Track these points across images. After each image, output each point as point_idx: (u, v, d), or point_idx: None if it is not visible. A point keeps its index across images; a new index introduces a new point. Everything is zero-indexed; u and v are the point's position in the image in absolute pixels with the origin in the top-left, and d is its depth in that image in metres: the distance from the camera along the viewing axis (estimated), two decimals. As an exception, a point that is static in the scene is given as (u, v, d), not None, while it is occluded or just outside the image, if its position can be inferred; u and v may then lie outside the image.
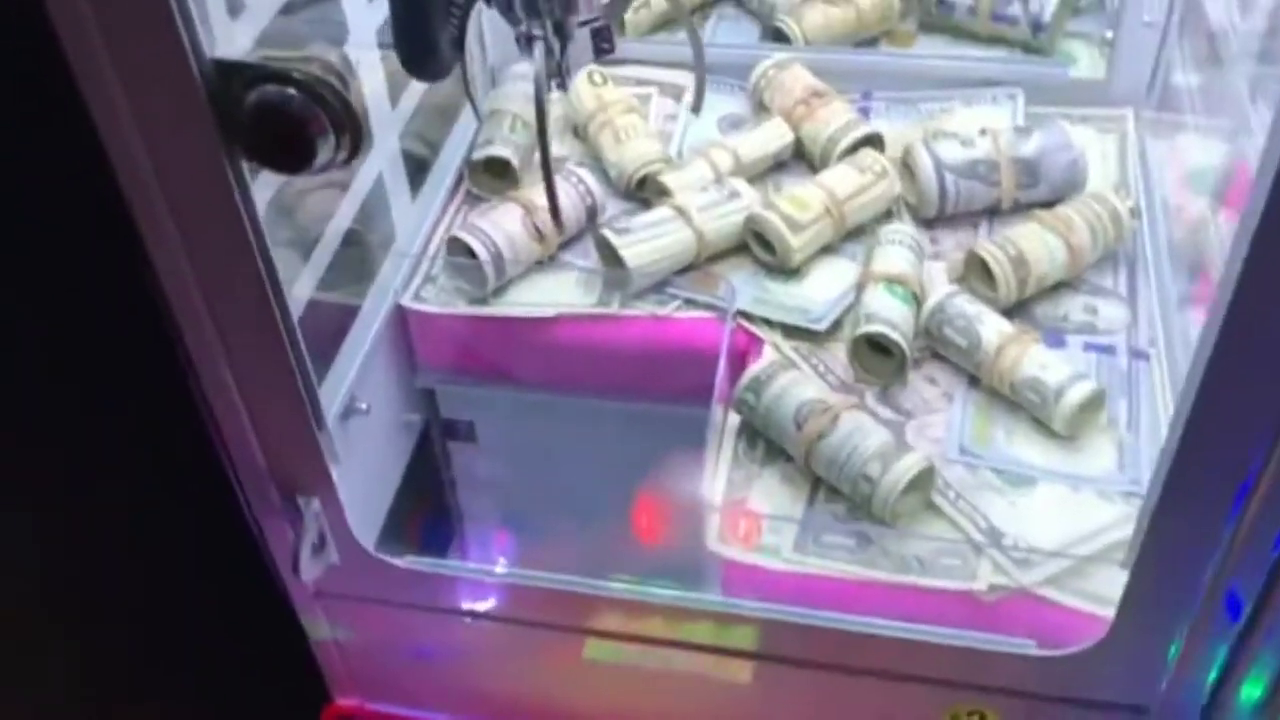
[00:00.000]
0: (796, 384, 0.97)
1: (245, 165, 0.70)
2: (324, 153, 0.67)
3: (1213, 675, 0.85)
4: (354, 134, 0.67)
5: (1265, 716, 0.83)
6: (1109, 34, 1.33)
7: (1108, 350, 1.05)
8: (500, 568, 0.96)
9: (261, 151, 0.68)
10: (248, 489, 0.90)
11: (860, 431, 0.93)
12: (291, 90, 0.65)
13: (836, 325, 1.08)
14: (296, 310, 0.83)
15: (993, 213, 1.17)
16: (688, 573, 1.02)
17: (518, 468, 1.23)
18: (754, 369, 0.99)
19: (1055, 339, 1.05)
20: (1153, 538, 0.76)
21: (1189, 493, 0.73)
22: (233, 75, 0.66)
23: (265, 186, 0.82)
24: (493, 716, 1.07)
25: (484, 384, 1.18)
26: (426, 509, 1.23)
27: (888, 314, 1.02)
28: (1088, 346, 1.06)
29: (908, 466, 0.91)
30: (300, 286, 0.95)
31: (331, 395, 1.00)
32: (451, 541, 1.28)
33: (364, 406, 1.05)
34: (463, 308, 1.12)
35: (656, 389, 1.12)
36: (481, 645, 1.01)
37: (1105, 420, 0.99)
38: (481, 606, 0.97)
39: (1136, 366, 1.04)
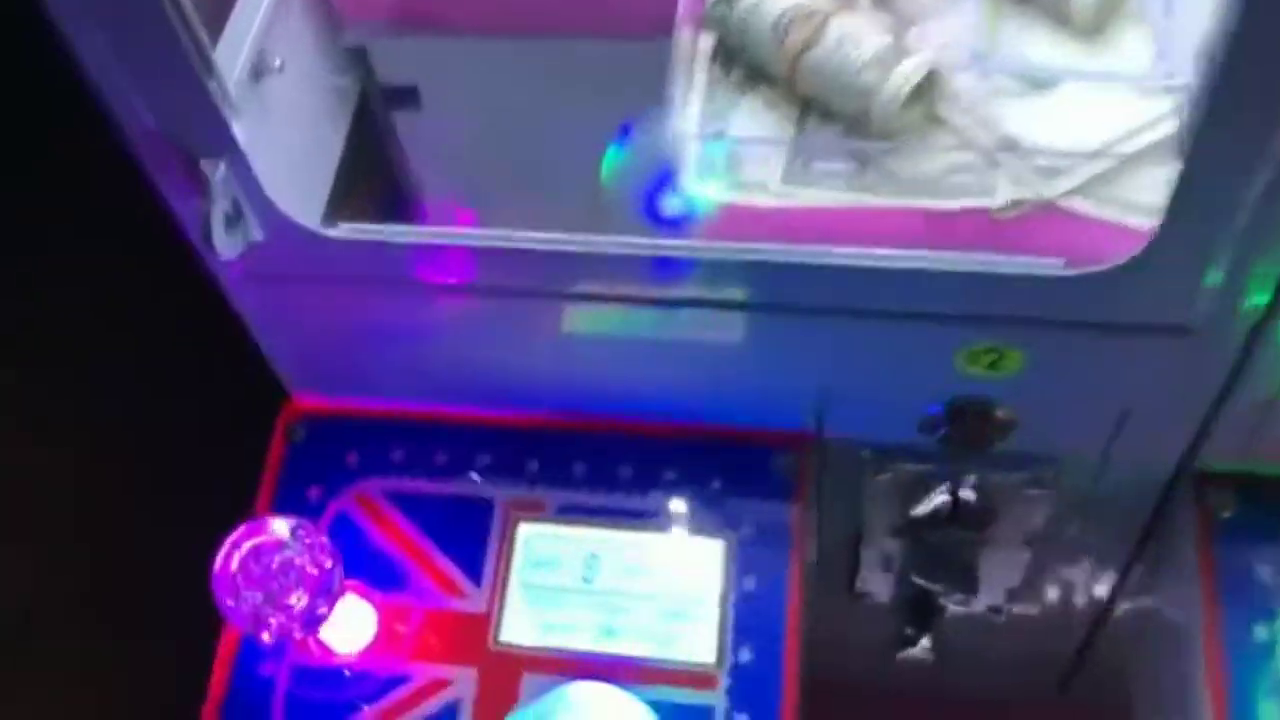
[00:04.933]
0: (777, -12, 0.82)
1: None
2: None
3: (1264, 296, 0.74)
4: None
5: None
6: None
7: (1139, -71, 0.89)
8: (453, 230, 0.84)
9: None
10: (146, 159, 0.77)
11: (851, 38, 0.79)
12: None
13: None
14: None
15: None
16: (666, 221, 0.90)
17: (470, 132, 1.09)
18: (724, -27, 0.83)
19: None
20: (1211, 115, 0.64)
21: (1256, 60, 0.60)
22: None
23: None
24: (463, 399, 0.98)
25: (421, 36, 1.02)
26: (373, 185, 1.10)
27: (881, -100, 0.86)
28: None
29: (909, 71, 0.77)
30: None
31: (235, 47, 0.86)
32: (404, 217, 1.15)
33: (277, 63, 0.90)
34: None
35: (621, 18, 0.97)
36: (444, 322, 0.91)
37: (1133, 7, 0.85)
38: (440, 276, 0.86)
39: (1171, -56, 0.88)
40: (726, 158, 0.81)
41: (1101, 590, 1.14)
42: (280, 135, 0.91)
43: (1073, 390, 0.85)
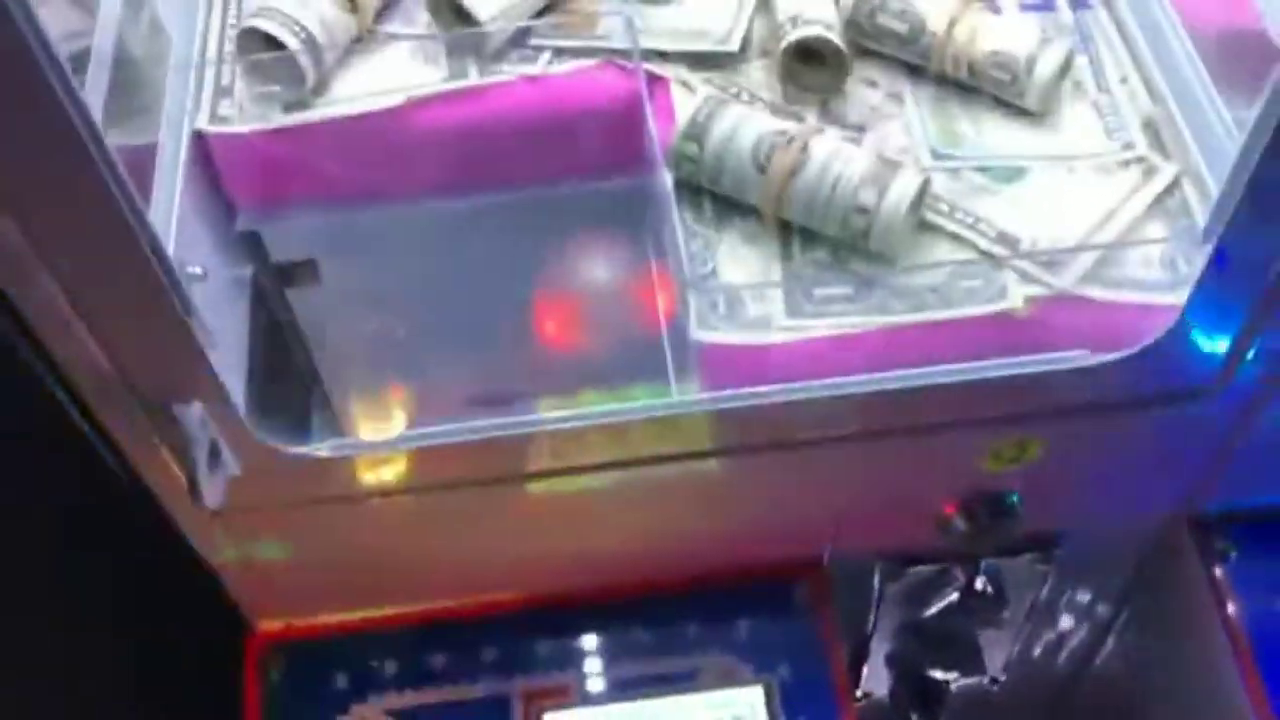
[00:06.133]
0: (744, 119, 0.79)
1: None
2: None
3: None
4: None
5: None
6: None
7: (1047, 6, 0.92)
8: (446, 428, 0.76)
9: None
10: (100, 411, 0.67)
11: (839, 157, 0.77)
12: None
13: (745, 42, 0.89)
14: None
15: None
16: (648, 368, 0.86)
17: (385, 300, 1.01)
18: (687, 112, 0.80)
19: (989, 5, 0.91)
20: (1245, 204, 0.64)
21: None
22: None
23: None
24: (456, 592, 0.90)
25: (319, 211, 0.94)
26: (285, 379, 1.01)
27: (815, 13, 0.85)
28: (1023, 6, 0.92)
29: (906, 183, 0.76)
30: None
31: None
32: (323, 410, 1.06)
33: (198, 270, 0.81)
34: (278, 118, 0.87)
35: (543, 168, 0.92)
36: (430, 517, 0.83)
37: (1071, 85, 0.86)
38: (427, 477, 0.78)
39: (1081, 17, 0.91)
40: (725, 299, 0.78)
41: (1091, 639, 1.15)
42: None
43: (1088, 466, 0.85)
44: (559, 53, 0.90)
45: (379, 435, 0.85)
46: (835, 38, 0.84)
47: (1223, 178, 0.75)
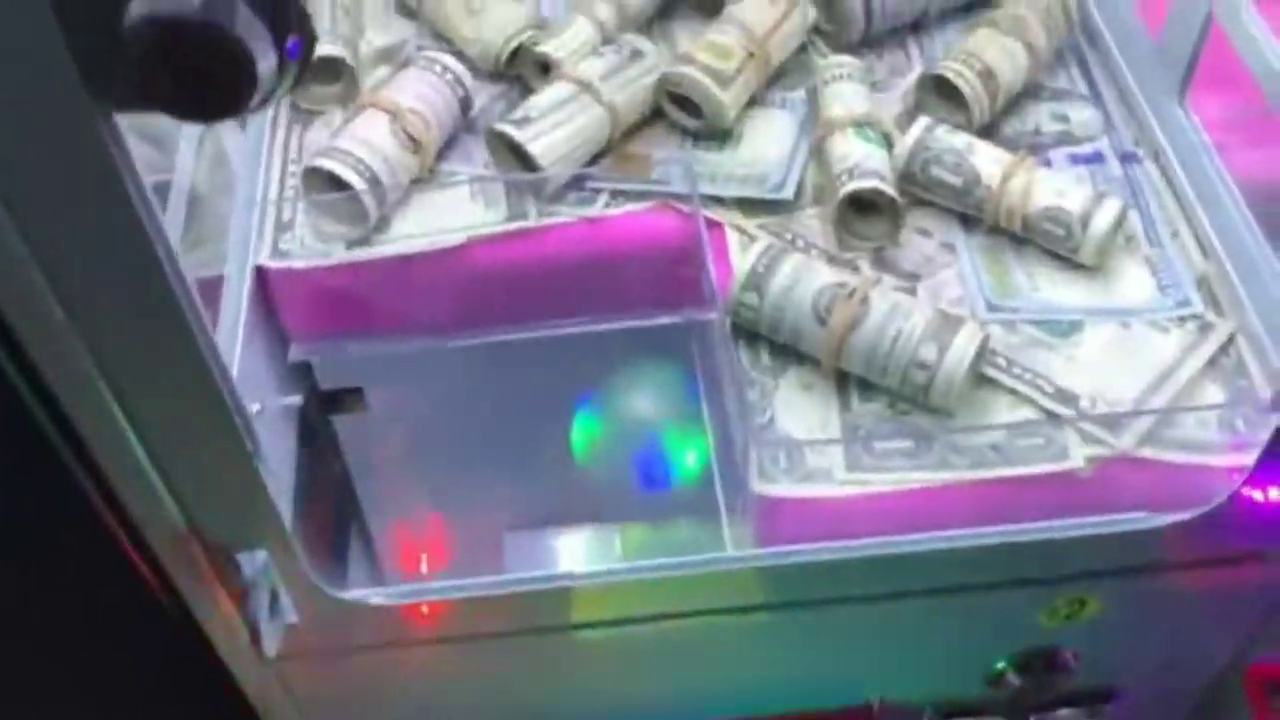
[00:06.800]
0: (804, 269, 0.80)
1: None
2: (266, 82, 0.43)
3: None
4: (305, 39, 0.44)
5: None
6: None
7: (1096, 159, 0.93)
8: (497, 576, 0.76)
9: (163, 97, 0.44)
10: (165, 562, 0.66)
11: (900, 311, 0.77)
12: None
13: (800, 189, 0.91)
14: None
15: (916, 27, 1.02)
16: (696, 506, 0.86)
17: (431, 429, 1.02)
18: (747, 261, 0.81)
19: (1040, 159, 0.92)
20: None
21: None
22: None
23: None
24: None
25: (372, 342, 0.95)
26: (328, 513, 1.00)
27: (871, 163, 0.86)
28: (1074, 159, 0.93)
29: (968, 340, 0.76)
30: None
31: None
32: (363, 542, 1.05)
33: (257, 408, 0.81)
34: (340, 254, 0.88)
35: (597, 304, 0.93)
36: (480, 668, 0.82)
37: (1123, 239, 0.87)
38: (478, 626, 0.77)
39: (1131, 171, 0.92)
40: (786, 452, 0.78)
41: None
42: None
43: (1146, 623, 0.84)
44: (616, 194, 0.91)
45: (422, 574, 0.84)
46: (890, 189, 0.85)
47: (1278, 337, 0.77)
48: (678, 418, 0.95)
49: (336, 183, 0.86)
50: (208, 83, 0.43)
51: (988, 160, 0.86)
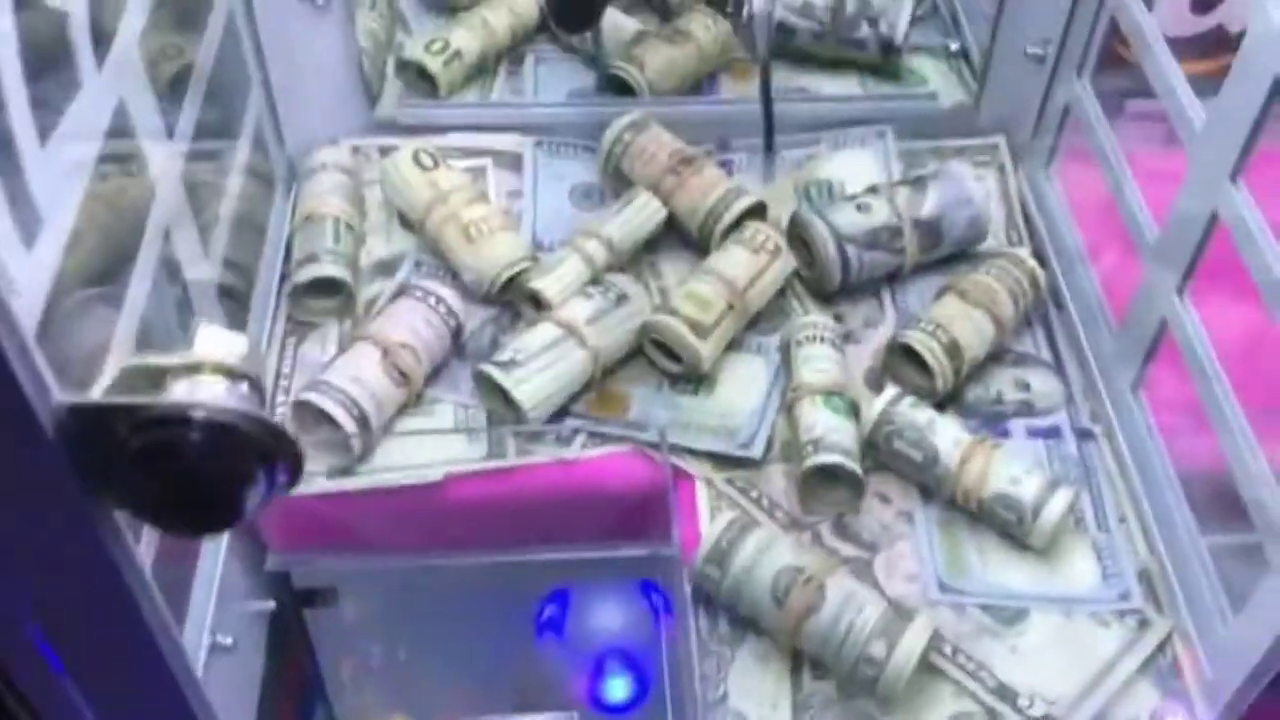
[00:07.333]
0: (766, 548, 0.84)
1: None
2: (253, 499, 0.47)
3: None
4: (292, 463, 0.48)
5: None
6: (953, 45, 1.25)
7: (1053, 434, 0.97)
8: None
9: (162, 517, 0.47)
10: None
11: (852, 603, 0.81)
12: (196, 432, 0.45)
13: (769, 444, 0.95)
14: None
15: (891, 277, 1.07)
16: None
17: (401, 634, 1.05)
18: (712, 534, 0.84)
19: (999, 429, 0.97)
20: None
21: None
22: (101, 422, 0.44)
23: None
24: None
25: (347, 556, 0.98)
26: (296, 707, 1.03)
27: (836, 437, 0.90)
28: (1032, 432, 0.97)
29: (915, 641, 0.80)
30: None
31: (196, 635, 0.80)
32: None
33: (228, 641, 0.84)
34: (322, 483, 0.91)
35: (565, 536, 0.97)
36: None
37: (1073, 520, 0.91)
38: None
39: (1085, 449, 0.96)
40: (734, 726, 0.81)
41: None
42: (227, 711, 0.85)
43: None
44: (592, 436, 0.95)
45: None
46: (853, 465, 0.89)
47: (1210, 641, 0.80)
48: (636, 647, 0.98)
49: (325, 414, 0.90)
50: (198, 511, 0.46)
51: (948, 441, 0.90)
